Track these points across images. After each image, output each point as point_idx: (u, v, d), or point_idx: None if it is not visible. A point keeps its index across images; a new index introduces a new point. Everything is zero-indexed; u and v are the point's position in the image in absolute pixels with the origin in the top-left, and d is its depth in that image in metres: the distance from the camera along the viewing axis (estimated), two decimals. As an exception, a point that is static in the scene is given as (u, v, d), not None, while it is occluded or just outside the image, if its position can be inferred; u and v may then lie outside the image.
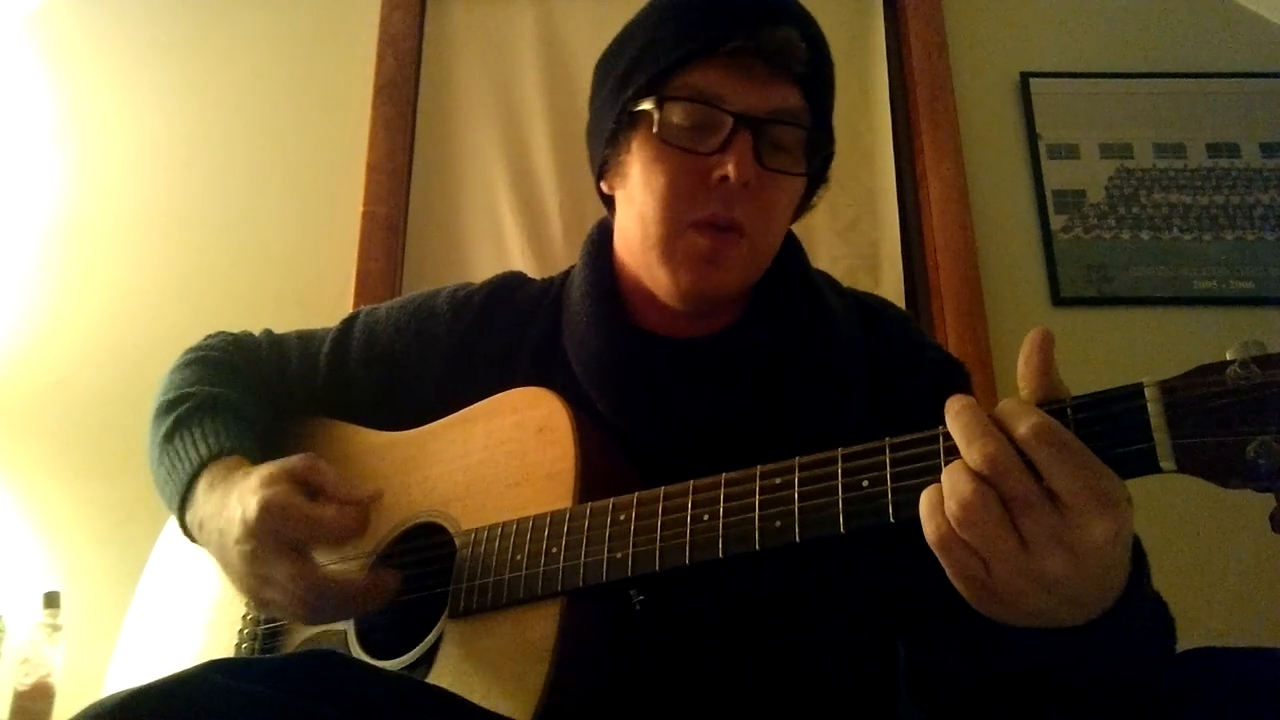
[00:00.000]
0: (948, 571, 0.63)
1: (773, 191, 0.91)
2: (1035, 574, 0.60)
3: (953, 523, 0.60)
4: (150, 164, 2.17)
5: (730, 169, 0.86)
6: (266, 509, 0.83)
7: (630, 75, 0.92)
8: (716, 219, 0.88)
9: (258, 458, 0.96)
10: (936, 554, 0.62)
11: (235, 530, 0.85)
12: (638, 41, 0.94)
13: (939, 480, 0.63)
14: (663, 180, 0.89)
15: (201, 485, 0.94)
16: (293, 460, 0.88)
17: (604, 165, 0.98)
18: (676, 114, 0.89)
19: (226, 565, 0.88)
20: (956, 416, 0.62)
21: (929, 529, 0.62)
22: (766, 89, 0.88)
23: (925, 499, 0.63)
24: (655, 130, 0.89)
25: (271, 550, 0.83)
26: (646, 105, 0.90)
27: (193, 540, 0.97)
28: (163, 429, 1.02)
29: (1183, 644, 0.74)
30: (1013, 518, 0.59)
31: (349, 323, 1.12)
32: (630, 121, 0.92)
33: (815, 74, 0.92)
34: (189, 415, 1.01)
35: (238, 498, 0.87)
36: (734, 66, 0.88)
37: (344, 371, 1.08)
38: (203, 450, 0.96)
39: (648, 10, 0.96)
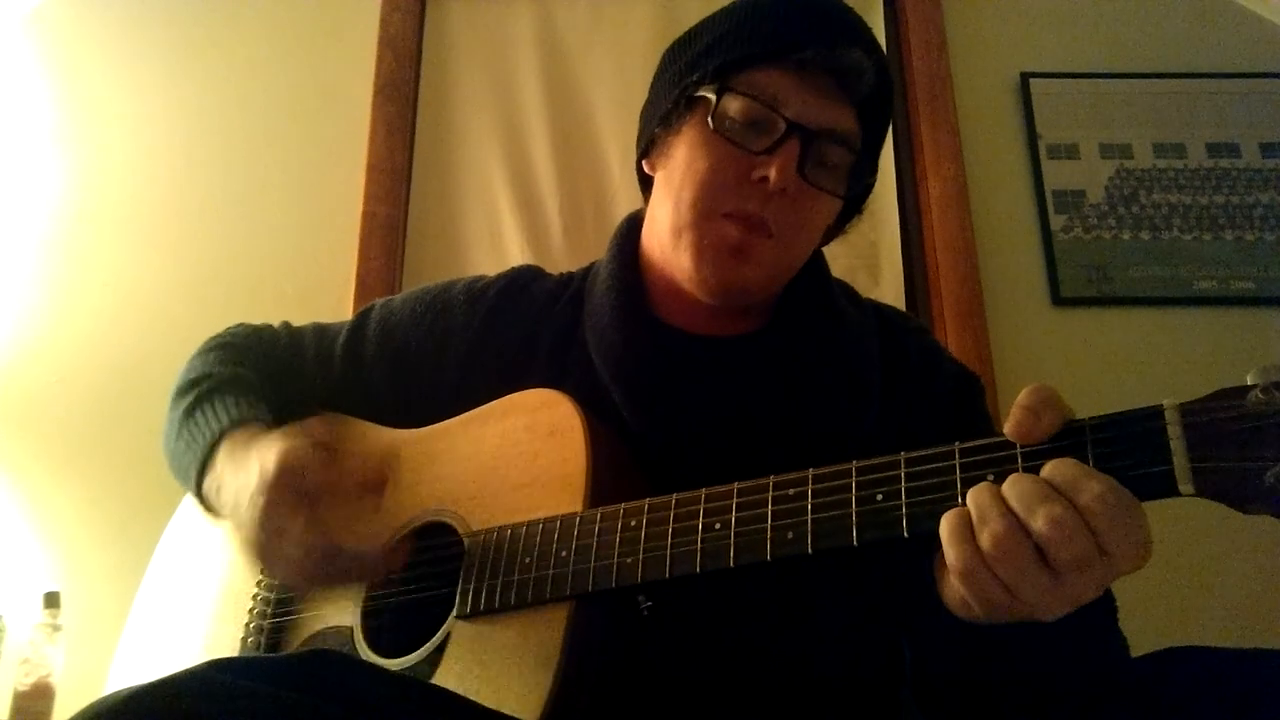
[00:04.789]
0: (968, 595, 0.63)
1: (807, 205, 0.92)
2: (1069, 599, 0.61)
3: (985, 558, 0.60)
4: (150, 163, 2.17)
5: (772, 172, 0.88)
6: (286, 460, 0.84)
7: (698, 61, 0.94)
8: (749, 216, 0.90)
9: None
10: (958, 580, 0.62)
11: (253, 483, 0.84)
12: (713, 32, 0.96)
13: (954, 495, 0.63)
14: (705, 166, 0.91)
15: (222, 452, 0.94)
16: (311, 421, 0.89)
17: (651, 143, 0.99)
18: (734, 107, 0.90)
19: (240, 525, 0.86)
20: (1014, 484, 0.61)
21: (953, 555, 0.62)
22: (826, 105, 0.90)
23: (947, 524, 0.63)
24: (710, 118, 0.91)
25: (289, 503, 0.83)
26: (707, 93, 0.92)
27: (208, 509, 0.96)
28: (184, 404, 1.02)
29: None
30: (1059, 571, 0.59)
31: (364, 316, 1.12)
32: (688, 105, 0.94)
33: (875, 103, 0.94)
34: (211, 391, 1.02)
35: (257, 454, 0.87)
36: (800, 76, 0.89)
37: (359, 365, 1.08)
38: (224, 419, 0.96)
39: (730, 6, 0.97)
